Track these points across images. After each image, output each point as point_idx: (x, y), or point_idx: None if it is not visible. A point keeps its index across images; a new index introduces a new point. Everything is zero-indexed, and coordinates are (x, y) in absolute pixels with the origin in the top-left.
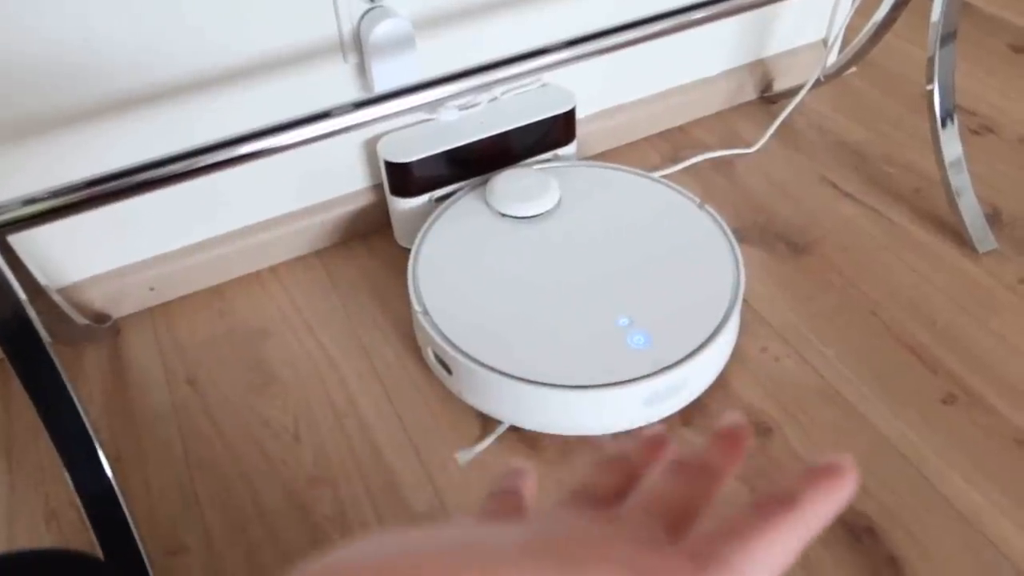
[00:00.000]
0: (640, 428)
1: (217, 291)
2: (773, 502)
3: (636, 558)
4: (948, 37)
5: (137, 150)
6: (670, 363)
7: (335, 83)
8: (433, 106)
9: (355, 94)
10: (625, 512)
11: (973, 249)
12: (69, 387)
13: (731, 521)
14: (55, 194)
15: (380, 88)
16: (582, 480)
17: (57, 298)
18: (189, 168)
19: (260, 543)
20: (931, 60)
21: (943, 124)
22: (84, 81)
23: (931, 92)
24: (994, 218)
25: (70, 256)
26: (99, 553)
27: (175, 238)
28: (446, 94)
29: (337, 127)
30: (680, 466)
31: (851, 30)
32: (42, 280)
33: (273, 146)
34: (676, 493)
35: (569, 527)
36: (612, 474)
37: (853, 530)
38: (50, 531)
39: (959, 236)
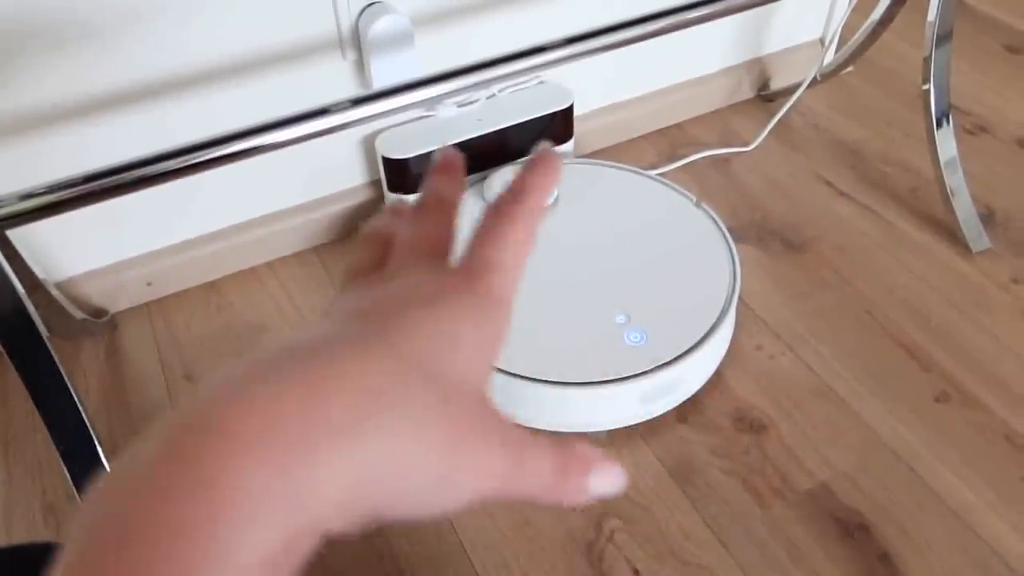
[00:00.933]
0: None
1: (214, 286)
2: (505, 200)
3: (419, 293)
4: (944, 37)
5: (134, 146)
6: (666, 360)
7: (334, 79)
8: (431, 103)
9: (353, 90)
10: (394, 267)
11: (967, 248)
12: (67, 381)
13: (481, 229)
14: (52, 189)
15: (379, 85)
16: (349, 263)
17: (55, 292)
18: (187, 164)
19: None
20: (927, 60)
21: (939, 124)
22: (80, 76)
23: (927, 92)
24: (988, 218)
25: (67, 251)
26: None
27: (172, 233)
28: (444, 91)
29: (335, 123)
30: (418, 210)
31: (848, 29)
32: (40, 274)
33: (271, 142)
34: (426, 231)
35: (361, 299)
36: (372, 247)
37: (846, 526)
38: (47, 525)
39: (954, 235)
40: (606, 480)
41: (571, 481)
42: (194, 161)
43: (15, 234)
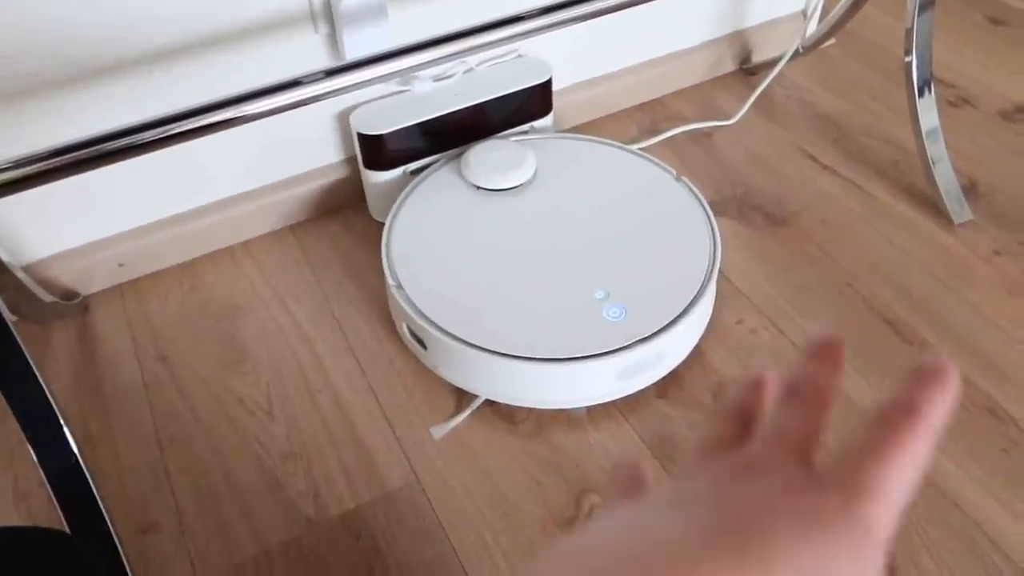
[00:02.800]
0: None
1: (188, 267)
2: (897, 414)
3: (795, 510)
4: (926, 6)
5: (103, 120)
6: (646, 335)
7: (305, 54)
8: (406, 75)
9: (326, 65)
10: (759, 458)
11: (949, 221)
12: (33, 365)
13: (864, 442)
14: (18, 164)
15: (352, 59)
16: (703, 436)
17: (21, 275)
18: (156, 137)
19: (233, 520)
20: (909, 31)
21: (920, 94)
22: (48, 48)
23: (909, 63)
24: (970, 189)
25: (36, 232)
26: (67, 531)
27: (144, 213)
28: (419, 62)
29: (308, 95)
30: (792, 394)
31: (830, 1)
32: (5, 257)
33: (242, 114)
34: (797, 422)
35: (721, 489)
36: (731, 420)
37: None
38: (19, 512)
39: (936, 208)
40: None
41: None
42: (164, 134)
43: None
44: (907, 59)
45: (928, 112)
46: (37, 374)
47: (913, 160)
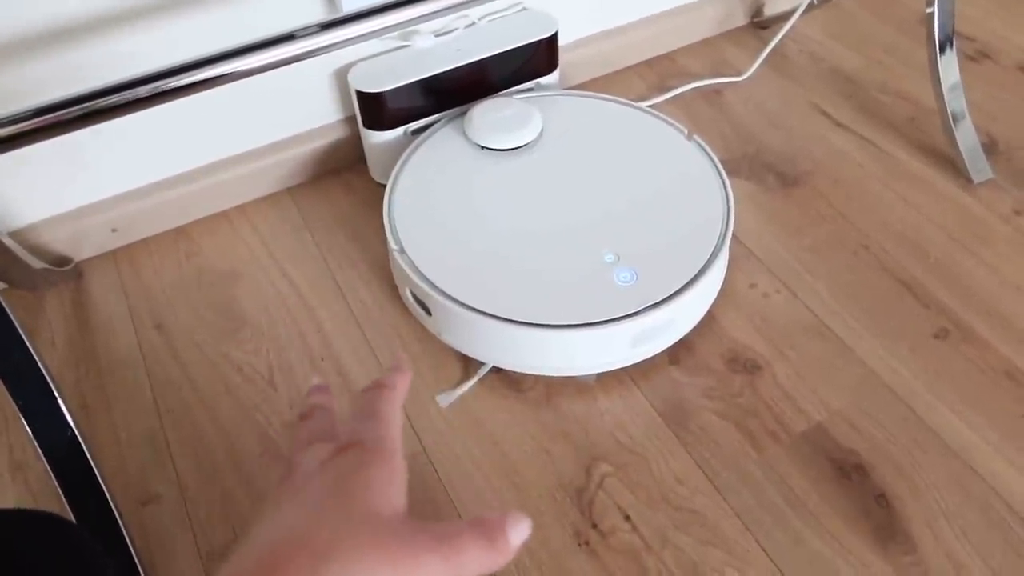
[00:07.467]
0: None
1: (183, 232)
2: (378, 388)
3: (342, 472)
4: None
5: (89, 78)
6: (658, 300)
7: (300, 6)
8: (406, 28)
9: (321, 18)
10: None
11: (968, 180)
12: (24, 335)
13: (363, 409)
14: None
15: (349, 11)
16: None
17: (8, 241)
18: (145, 95)
19: (234, 490)
20: None
21: (941, 48)
22: (31, 2)
23: (931, 15)
24: (990, 147)
25: (26, 196)
26: (66, 504)
27: (137, 176)
28: (419, 14)
29: (303, 50)
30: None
31: None
32: None
33: (235, 70)
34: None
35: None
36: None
37: (842, 467)
38: (16, 483)
39: (954, 167)
40: (521, 528)
41: (500, 544)
42: (154, 91)
43: None
44: (928, 10)
45: (950, 67)
46: (28, 344)
47: (930, 117)
